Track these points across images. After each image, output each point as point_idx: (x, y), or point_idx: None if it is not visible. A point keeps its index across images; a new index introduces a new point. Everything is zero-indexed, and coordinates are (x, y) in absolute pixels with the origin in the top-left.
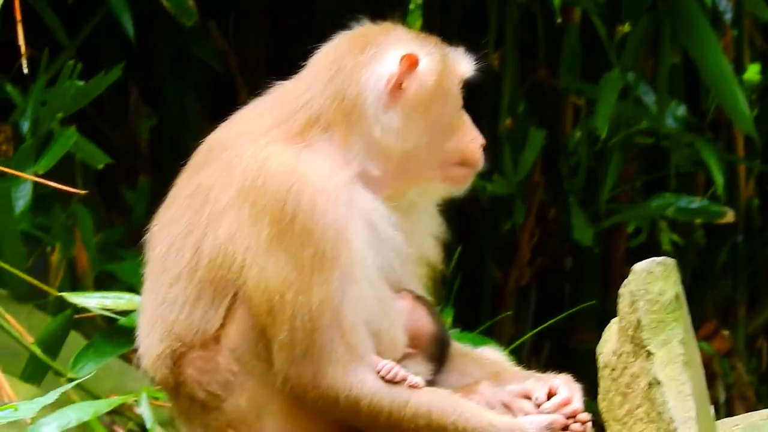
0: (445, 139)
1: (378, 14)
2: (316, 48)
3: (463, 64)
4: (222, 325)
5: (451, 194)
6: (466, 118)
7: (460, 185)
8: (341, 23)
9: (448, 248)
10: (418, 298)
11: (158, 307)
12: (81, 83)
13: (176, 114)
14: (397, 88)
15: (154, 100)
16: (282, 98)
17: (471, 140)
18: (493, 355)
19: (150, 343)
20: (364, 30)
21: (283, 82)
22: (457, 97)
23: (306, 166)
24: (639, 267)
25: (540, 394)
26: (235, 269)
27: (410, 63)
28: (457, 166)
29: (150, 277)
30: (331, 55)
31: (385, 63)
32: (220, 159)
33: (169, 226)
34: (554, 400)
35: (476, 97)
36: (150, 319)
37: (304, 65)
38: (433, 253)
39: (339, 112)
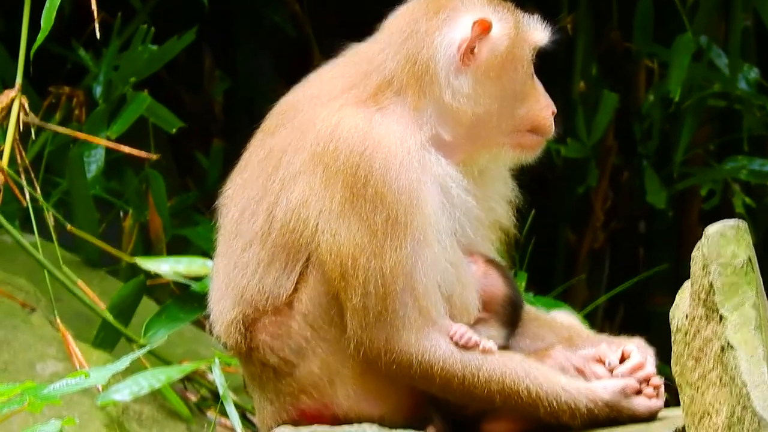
0: (515, 105)
1: None
2: (390, 10)
3: (537, 33)
4: (294, 290)
5: (521, 161)
6: (539, 86)
7: (530, 153)
8: None
9: (521, 212)
10: (491, 261)
11: (231, 272)
12: (154, 48)
13: (250, 78)
14: (468, 52)
15: (228, 65)
16: (355, 60)
17: (542, 108)
18: (566, 318)
19: (222, 309)
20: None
21: (357, 44)
22: (528, 65)
23: (378, 129)
24: (711, 230)
25: (613, 358)
26: (307, 234)
27: (483, 28)
28: (528, 133)
29: (222, 242)
30: (405, 18)
31: (457, 27)
32: (292, 122)
33: (242, 190)
34: (627, 365)
35: (549, 60)
36: (222, 285)
37: (377, 27)
38: (506, 218)
39: (411, 75)
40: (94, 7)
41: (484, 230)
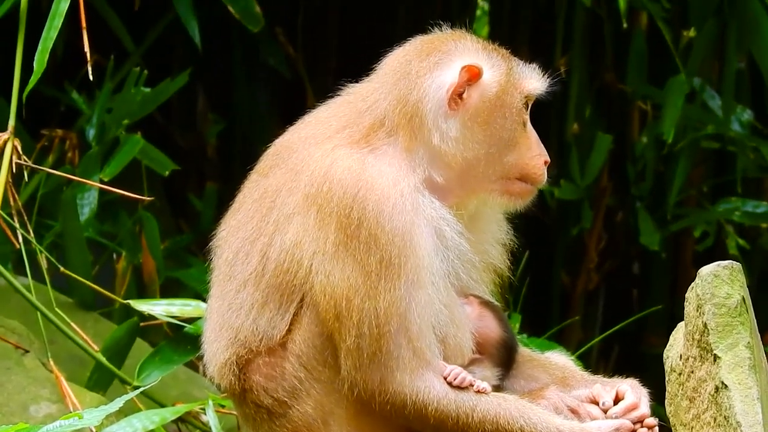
0: (504, 152)
1: (445, 20)
2: (385, 52)
3: (530, 81)
4: (288, 331)
5: (511, 208)
6: (532, 134)
7: (519, 200)
8: (409, 28)
9: (515, 253)
10: (486, 303)
11: (225, 314)
12: (147, 90)
13: (246, 119)
14: (456, 97)
15: (223, 106)
16: (349, 100)
17: (533, 156)
18: (560, 359)
19: (216, 350)
20: (435, 36)
21: (353, 84)
22: (519, 112)
23: (371, 171)
24: (705, 271)
25: (607, 398)
26: (301, 275)
27: (471, 74)
28: (517, 180)
29: (216, 283)
30: (399, 58)
31: (448, 71)
32: (286, 163)
33: (236, 231)
34: (621, 405)
35: (543, 102)
36: (216, 326)
37: (371, 69)
38: (500, 261)
39: (402, 116)
40: (87, 49)
41: (478, 272)
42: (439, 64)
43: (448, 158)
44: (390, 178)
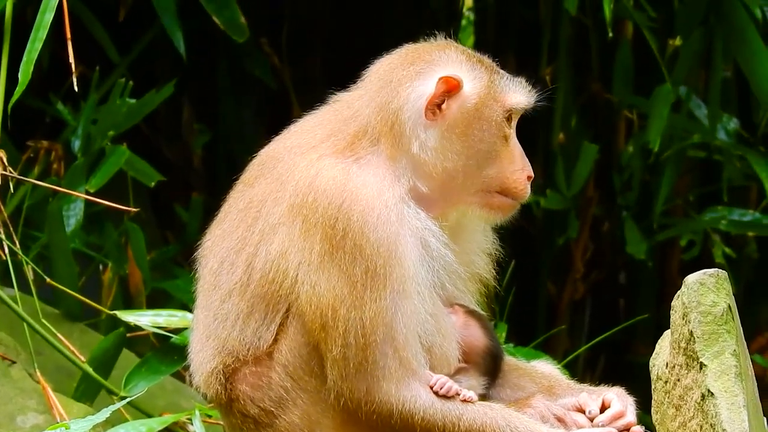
0: (483, 165)
1: (431, 29)
2: (371, 63)
3: (513, 95)
4: (275, 341)
5: (491, 221)
6: (515, 148)
7: (500, 214)
8: (395, 39)
9: (501, 263)
10: (471, 312)
11: (211, 324)
12: (132, 101)
13: (231, 130)
14: (434, 107)
15: (209, 117)
16: (336, 108)
17: (515, 171)
18: (546, 368)
19: (202, 360)
20: (421, 45)
21: (339, 93)
22: (500, 125)
23: (355, 182)
24: (691, 279)
25: (593, 407)
26: (287, 285)
27: (449, 86)
28: (497, 194)
29: (202, 293)
30: (384, 67)
31: (428, 81)
32: (272, 173)
33: (222, 241)
34: (607, 413)
35: (529, 112)
36: (202, 336)
37: (358, 78)
38: (486, 271)
39: (384, 124)
40: (72, 60)
41: (464, 283)
42: (421, 73)
43: (429, 168)
44: (374, 189)
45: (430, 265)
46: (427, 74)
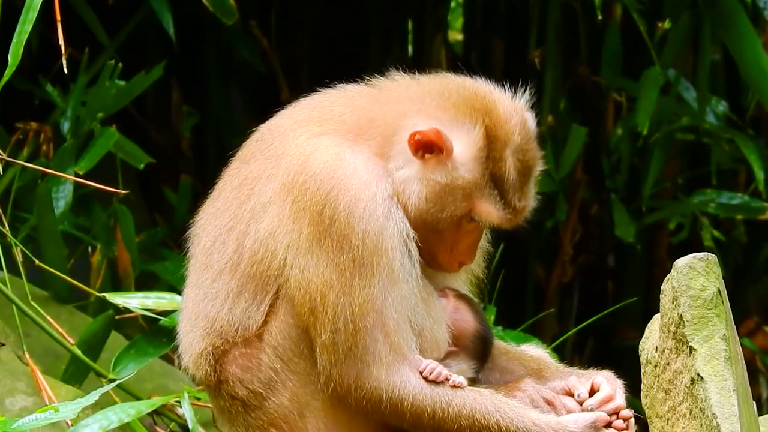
0: (435, 226)
1: (421, 14)
2: (358, 47)
3: (488, 210)
4: (264, 322)
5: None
6: (466, 238)
7: (446, 268)
8: (383, 22)
9: (490, 245)
10: (461, 296)
11: (200, 303)
12: (122, 83)
13: (219, 113)
14: (421, 149)
15: (197, 100)
16: (350, 95)
17: (447, 254)
18: (536, 352)
19: (192, 340)
20: (462, 80)
21: (344, 85)
22: (460, 219)
23: (345, 169)
24: (680, 263)
25: (582, 390)
26: (275, 266)
27: (437, 144)
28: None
29: (193, 272)
30: (401, 83)
31: (422, 122)
32: (269, 149)
33: (215, 219)
34: (597, 397)
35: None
36: (192, 315)
37: (344, 65)
38: (476, 265)
39: (385, 128)
40: (61, 42)
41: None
42: (422, 109)
43: (399, 187)
44: (363, 179)
45: (415, 262)
46: (438, 118)
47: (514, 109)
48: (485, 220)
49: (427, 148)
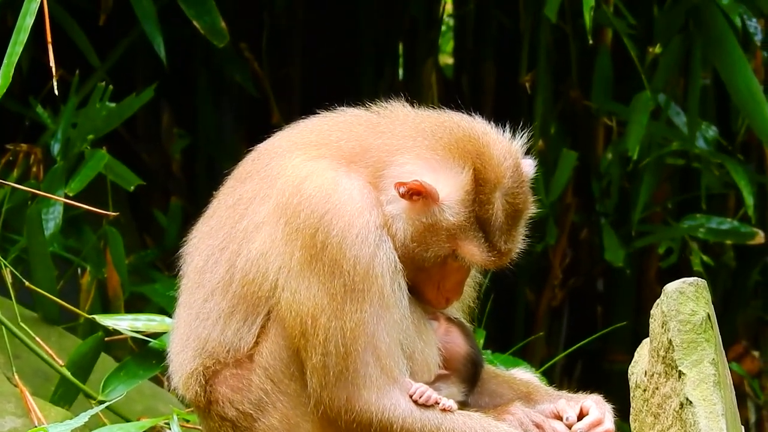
0: (420, 264)
1: (412, 37)
2: (350, 69)
3: (472, 251)
4: (256, 343)
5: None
6: (452, 276)
7: (433, 304)
8: (374, 45)
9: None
10: (452, 320)
11: (192, 323)
12: (112, 105)
13: (210, 136)
14: (406, 192)
15: (188, 122)
16: (350, 120)
17: (436, 292)
18: (525, 375)
19: (182, 361)
20: (462, 123)
21: (344, 109)
22: (444, 258)
23: (340, 194)
24: (670, 288)
25: (571, 414)
26: (266, 287)
27: (424, 194)
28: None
29: (186, 291)
30: (399, 115)
31: (416, 167)
32: (264, 170)
33: (208, 238)
34: (586, 421)
35: (508, 118)
36: (183, 336)
37: (335, 88)
38: (467, 297)
39: (378, 160)
40: (52, 64)
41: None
42: (412, 149)
43: (391, 221)
44: (357, 206)
45: (405, 288)
46: (427, 159)
47: (508, 152)
48: (469, 261)
49: (414, 192)
